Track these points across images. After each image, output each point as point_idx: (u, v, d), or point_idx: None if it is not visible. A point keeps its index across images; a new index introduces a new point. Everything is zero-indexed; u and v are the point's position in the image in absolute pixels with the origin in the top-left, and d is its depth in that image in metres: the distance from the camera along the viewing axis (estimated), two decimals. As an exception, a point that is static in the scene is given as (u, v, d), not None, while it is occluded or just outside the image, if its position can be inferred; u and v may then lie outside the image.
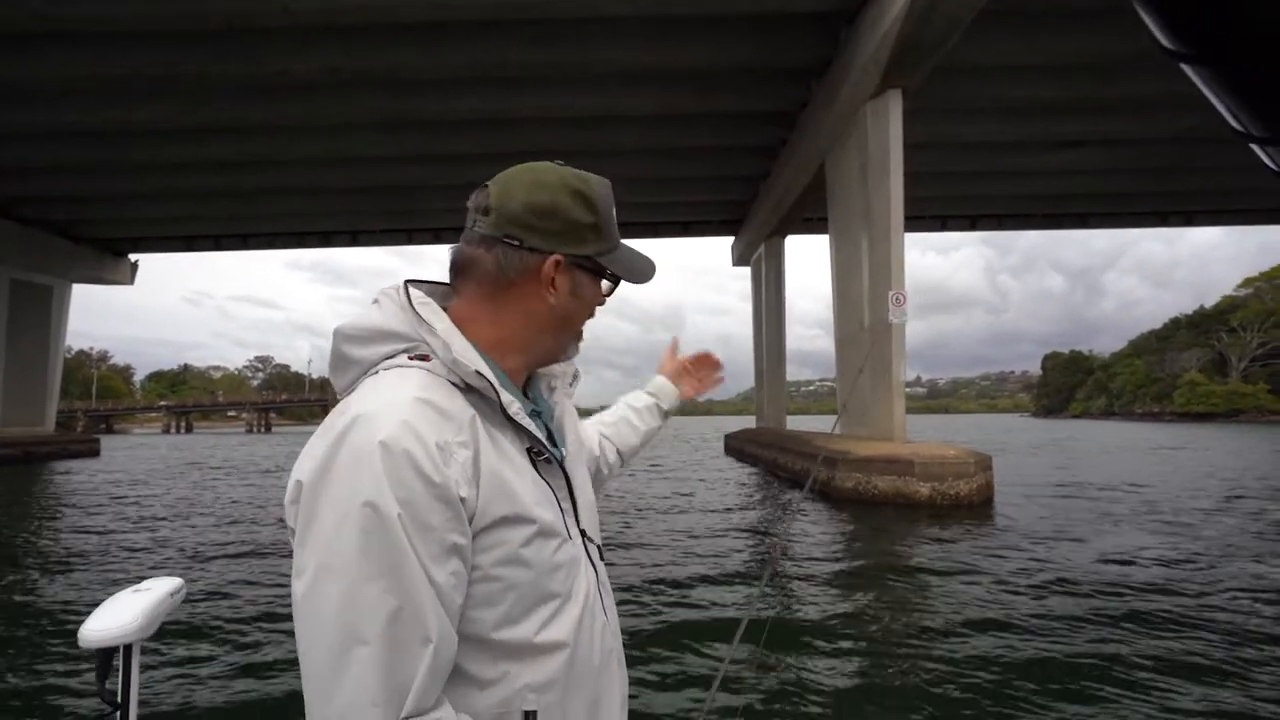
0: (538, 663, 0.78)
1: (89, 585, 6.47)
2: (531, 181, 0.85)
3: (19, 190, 21.11)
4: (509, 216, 0.83)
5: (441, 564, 0.70)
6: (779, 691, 3.83)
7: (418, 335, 0.80)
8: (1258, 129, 0.62)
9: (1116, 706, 3.62)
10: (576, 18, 13.02)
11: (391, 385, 0.76)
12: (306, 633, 0.68)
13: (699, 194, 23.63)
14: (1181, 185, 22.69)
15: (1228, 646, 4.47)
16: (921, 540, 8.18)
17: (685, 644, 4.60)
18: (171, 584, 1.28)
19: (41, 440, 26.19)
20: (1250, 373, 73.48)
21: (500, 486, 0.76)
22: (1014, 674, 4.03)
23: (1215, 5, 0.54)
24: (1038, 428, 59.45)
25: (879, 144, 12.58)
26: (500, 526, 0.75)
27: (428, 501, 0.69)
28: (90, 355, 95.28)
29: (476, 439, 0.76)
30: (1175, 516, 9.90)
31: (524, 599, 0.77)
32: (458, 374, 0.78)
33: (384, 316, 0.82)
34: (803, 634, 4.79)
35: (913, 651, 4.42)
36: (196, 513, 11.23)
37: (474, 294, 0.86)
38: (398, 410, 0.71)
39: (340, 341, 0.82)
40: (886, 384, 12.64)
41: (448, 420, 0.74)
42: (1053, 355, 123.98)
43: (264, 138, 17.68)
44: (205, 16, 12.45)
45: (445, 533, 0.70)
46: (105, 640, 1.10)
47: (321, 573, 0.68)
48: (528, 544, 0.77)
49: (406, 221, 25.84)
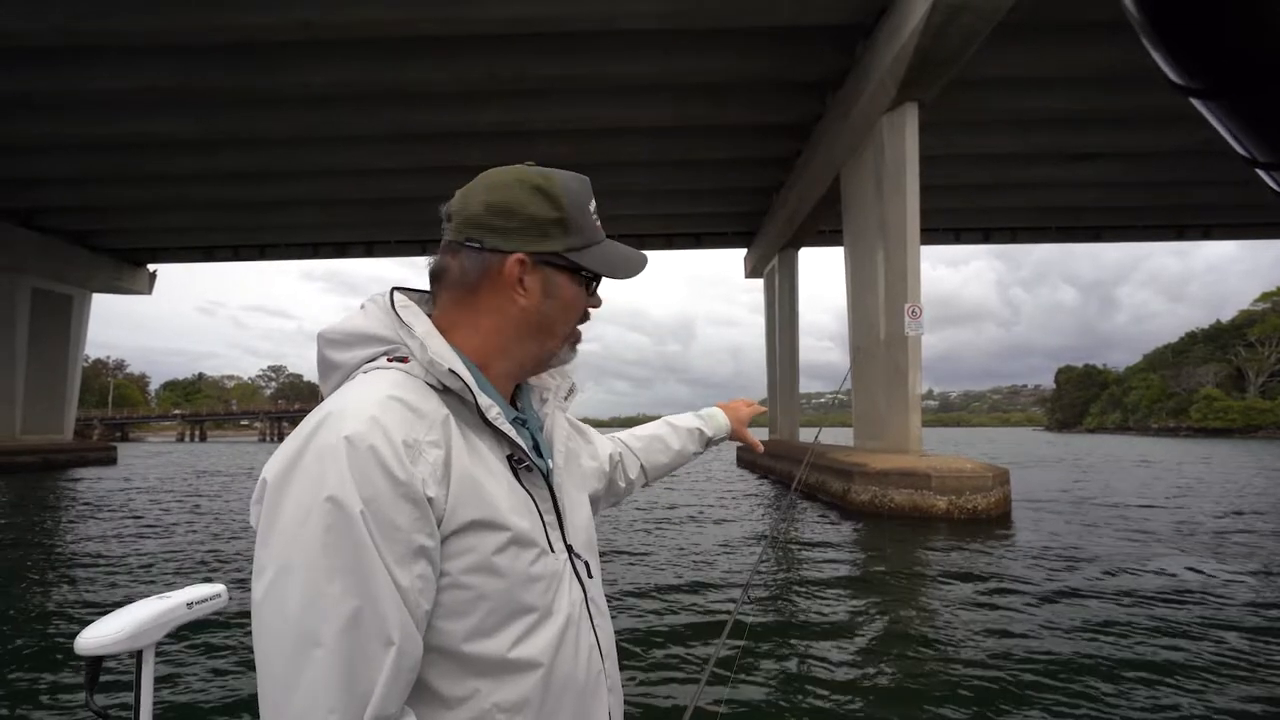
0: (510, 681, 0.74)
1: (131, 589, 6.51)
2: (490, 183, 0.84)
3: (40, 200, 21.45)
4: (468, 219, 0.82)
5: (406, 566, 0.67)
6: (766, 694, 3.80)
7: (398, 338, 0.79)
8: (1264, 154, 0.62)
9: None
10: (591, 30, 13.11)
11: (365, 385, 0.75)
12: (263, 634, 0.65)
13: (712, 205, 23.67)
14: (1198, 198, 22.51)
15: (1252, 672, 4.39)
16: (938, 553, 8.10)
17: (673, 645, 4.60)
18: (201, 591, 1.25)
19: (60, 448, 26.38)
20: (1268, 388, 72.54)
21: (473, 489, 0.73)
22: (1027, 691, 3.97)
23: (1226, 43, 0.53)
24: (1052, 442, 58.84)
25: (895, 156, 12.57)
26: (470, 531, 0.72)
27: (393, 500, 0.66)
28: (107, 364, 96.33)
29: (449, 439, 0.73)
30: (1200, 532, 9.76)
31: (496, 611, 0.74)
32: (434, 374, 0.77)
33: (367, 320, 0.81)
34: (796, 638, 4.75)
35: (925, 661, 4.36)
36: (235, 518, 11.28)
37: (448, 302, 0.85)
38: (366, 407, 0.69)
39: (323, 346, 0.81)
40: (902, 397, 12.56)
41: (419, 419, 0.72)
42: (1066, 369, 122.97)
43: (280, 149, 17.89)
44: (224, 30, 12.62)
45: (411, 533, 0.67)
46: (93, 649, 1.06)
47: (281, 572, 0.65)
48: (500, 551, 0.74)
49: (421, 233, 26.02)
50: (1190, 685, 4.05)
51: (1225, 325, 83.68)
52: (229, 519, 11.46)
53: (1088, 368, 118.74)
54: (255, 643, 0.66)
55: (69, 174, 19.03)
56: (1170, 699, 3.87)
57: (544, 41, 13.53)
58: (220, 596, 1.29)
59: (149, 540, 9.40)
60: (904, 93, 11.99)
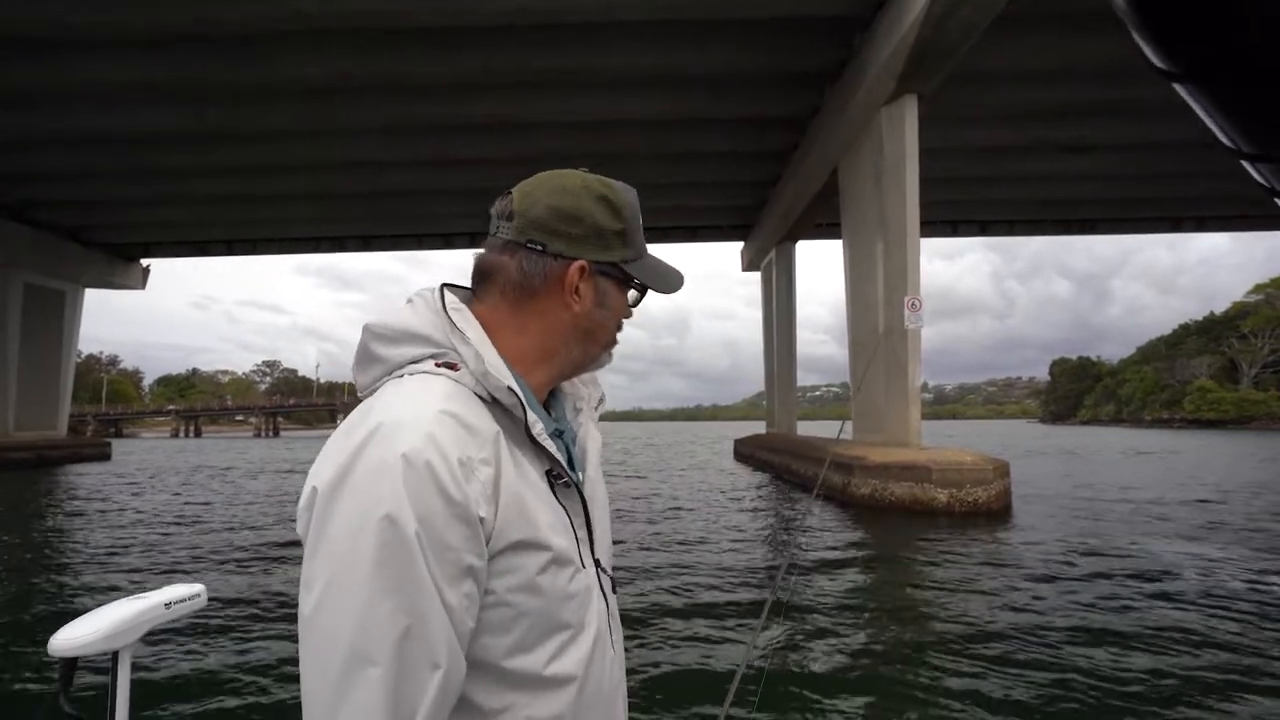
0: (546, 696, 0.74)
1: (115, 588, 6.47)
2: (555, 186, 0.83)
3: (32, 194, 21.28)
4: (532, 221, 0.81)
5: (456, 585, 0.67)
6: (798, 696, 3.79)
7: (447, 341, 0.78)
8: (1248, 146, 0.63)
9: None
10: (588, 22, 13.03)
11: (416, 394, 0.73)
12: (312, 649, 0.65)
13: (708, 199, 23.64)
14: (1193, 190, 22.57)
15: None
16: (944, 548, 8.12)
17: (694, 660, 4.57)
18: (180, 591, 1.23)
19: (54, 444, 26.28)
20: (1261, 379, 72.96)
21: (519, 509, 0.72)
22: (1041, 691, 3.98)
23: (1206, 27, 0.55)
24: (1048, 434, 59.12)
25: (894, 149, 12.55)
26: (516, 551, 0.72)
27: (447, 519, 0.66)
28: (100, 359, 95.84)
29: (499, 457, 0.73)
30: (1200, 522, 9.82)
31: (535, 628, 0.74)
32: (486, 387, 0.76)
33: (416, 318, 0.79)
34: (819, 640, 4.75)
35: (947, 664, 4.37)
36: (220, 515, 11.24)
37: (497, 302, 0.83)
38: (422, 422, 0.68)
39: (368, 338, 0.80)
40: (902, 389, 12.58)
41: (472, 436, 0.71)
42: (1061, 361, 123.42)
43: (275, 142, 17.75)
44: (220, 22, 12.51)
45: (462, 553, 0.67)
46: (66, 649, 1.06)
47: (332, 587, 0.64)
48: (542, 571, 0.73)
49: (417, 226, 25.94)
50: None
51: (1219, 317, 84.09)
52: (216, 516, 11.42)
53: (1082, 360, 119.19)
54: (303, 656, 0.66)
55: (61, 168, 18.87)
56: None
57: (540, 33, 13.44)
58: (199, 597, 1.27)
59: (136, 537, 9.34)
60: (903, 85, 11.97)
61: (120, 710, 1.12)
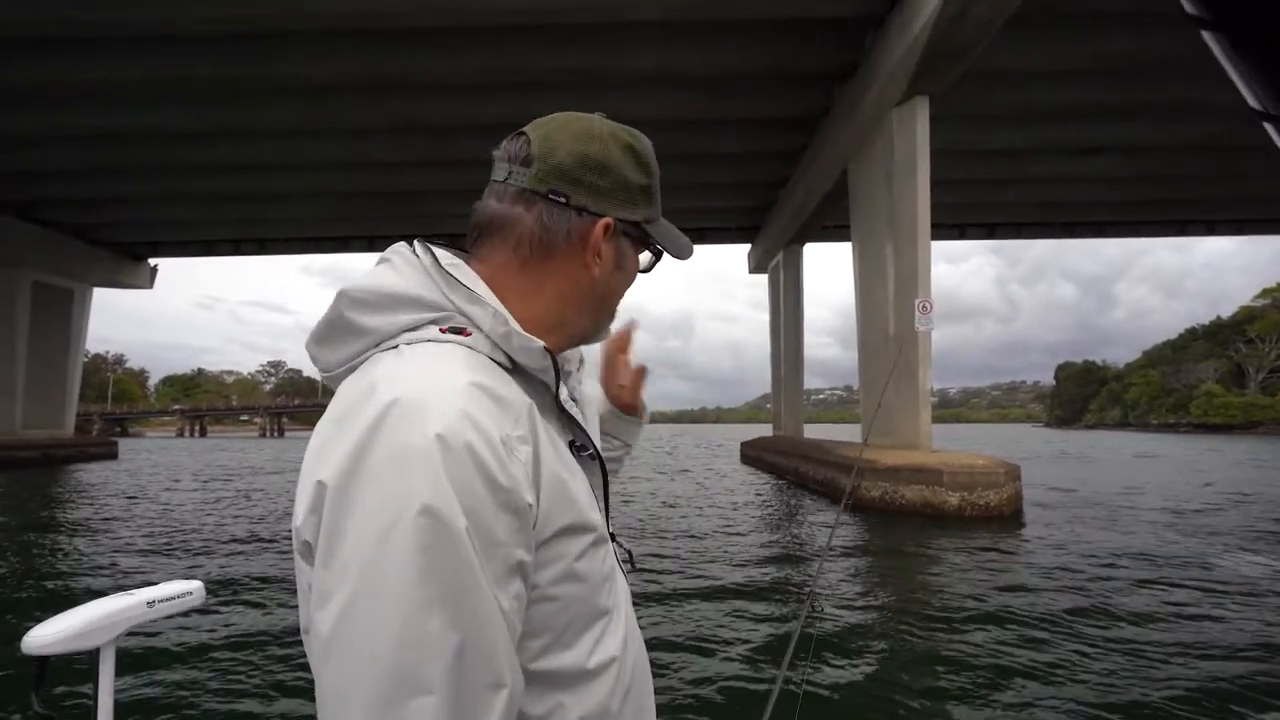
0: (590, 689, 0.67)
1: (117, 588, 6.41)
2: (581, 130, 0.73)
3: (39, 193, 21.28)
4: (555, 168, 0.70)
5: (507, 587, 0.57)
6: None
7: (448, 304, 0.67)
8: (1274, 105, 0.57)
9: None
10: (594, 23, 12.97)
11: (429, 365, 0.62)
12: (342, 677, 0.53)
13: (716, 200, 23.54)
14: (1202, 193, 22.44)
15: None
16: (974, 558, 8.03)
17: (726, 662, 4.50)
18: (170, 589, 1.19)
19: (61, 443, 26.27)
20: (1269, 384, 72.68)
21: (561, 490, 0.64)
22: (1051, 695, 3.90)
23: None
24: (1052, 438, 58.87)
25: (905, 150, 12.47)
26: (561, 538, 0.63)
27: (494, 510, 0.56)
28: (106, 359, 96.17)
29: (535, 433, 0.63)
30: (1215, 525, 9.71)
31: (578, 619, 0.66)
32: (507, 351, 0.66)
33: (402, 279, 0.67)
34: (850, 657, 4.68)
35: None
36: (227, 514, 11.21)
37: (506, 260, 0.72)
38: (453, 397, 0.58)
39: (345, 306, 0.67)
40: (912, 392, 12.48)
41: (505, 410, 0.61)
42: (1066, 365, 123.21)
43: (280, 142, 17.72)
44: (224, 20, 12.48)
45: (512, 548, 0.58)
46: (37, 647, 1.01)
47: (360, 599, 0.53)
48: (582, 556, 0.66)
49: (421, 227, 25.89)
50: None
51: (1225, 321, 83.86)
52: (225, 514, 11.39)
53: (1087, 364, 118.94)
54: (323, 684, 0.54)
55: (68, 166, 18.86)
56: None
57: (546, 33, 13.38)
58: (193, 594, 1.22)
59: (140, 535, 9.30)
60: (915, 86, 11.88)
61: (103, 710, 1.08)
